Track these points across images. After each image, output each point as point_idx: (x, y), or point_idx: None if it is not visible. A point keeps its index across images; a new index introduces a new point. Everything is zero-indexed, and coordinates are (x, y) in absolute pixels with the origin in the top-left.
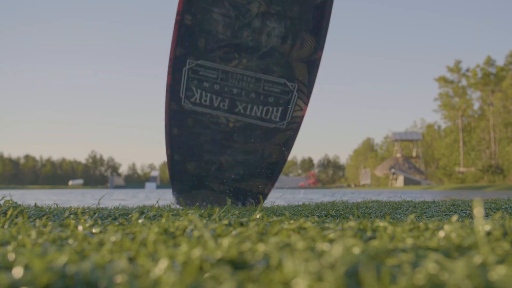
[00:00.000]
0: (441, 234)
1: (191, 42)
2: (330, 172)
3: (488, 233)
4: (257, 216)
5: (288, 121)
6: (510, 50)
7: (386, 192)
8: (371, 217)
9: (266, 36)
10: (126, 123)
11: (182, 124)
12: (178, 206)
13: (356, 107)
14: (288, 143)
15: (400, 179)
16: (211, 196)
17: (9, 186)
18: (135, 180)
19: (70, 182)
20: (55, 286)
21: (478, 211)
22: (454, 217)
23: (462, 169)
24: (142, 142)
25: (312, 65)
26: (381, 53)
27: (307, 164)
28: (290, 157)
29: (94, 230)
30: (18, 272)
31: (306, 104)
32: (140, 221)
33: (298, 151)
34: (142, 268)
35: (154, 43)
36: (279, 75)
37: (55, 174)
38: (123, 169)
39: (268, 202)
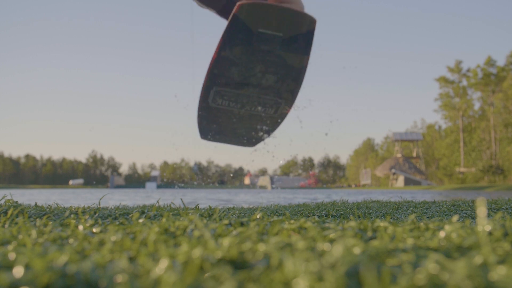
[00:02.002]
0: (442, 234)
1: (216, 80)
2: (331, 172)
3: (489, 234)
4: (258, 216)
5: (279, 113)
6: (511, 50)
7: (387, 192)
8: (371, 217)
9: (265, 80)
10: (127, 123)
11: (207, 111)
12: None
13: (356, 107)
14: (282, 117)
15: (401, 179)
16: (226, 136)
17: (9, 186)
18: (135, 180)
19: (71, 182)
20: (56, 286)
21: (480, 210)
22: (455, 218)
23: (462, 169)
24: (142, 142)
25: (294, 94)
26: (382, 53)
27: (308, 164)
28: (290, 157)
29: (94, 230)
30: (18, 271)
31: (290, 108)
32: (140, 220)
33: (298, 151)
34: (143, 268)
35: (155, 43)
36: (273, 96)
37: (56, 174)
38: (124, 169)
39: (269, 202)
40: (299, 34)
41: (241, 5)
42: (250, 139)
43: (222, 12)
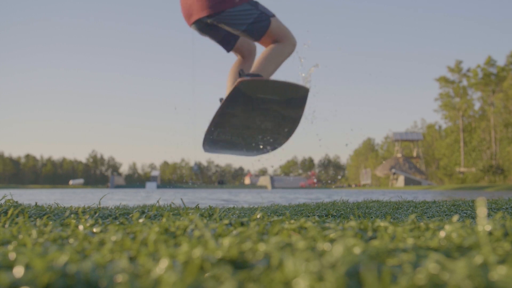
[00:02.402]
0: (442, 234)
1: (220, 126)
2: (331, 172)
3: (489, 234)
4: (258, 216)
5: (277, 143)
6: (511, 50)
7: (387, 192)
8: (371, 217)
9: (264, 125)
10: (127, 123)
11: (212, 141)
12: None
13: (356, 107)
14: (281, 143)
15: (401, 179)
16: (229, 150)
17: (9, 186)
18: (135, 180)
19: (71, 182)
20: (56, 286)
21: (481, 210)
22: (455, 217)
23: (462, 169)
24: (142, 142)
25: (292, 131)
26: (382, 53)
27: (308, 164)
28: (290, 157)
29: (94, 230)
30: (18, 271)
31: (288, 138)
32: (140, 220)
33: (299, 151)
34: (143, 268)
35: (155, 43)
36: (272, 134)
37: (56, 174)
38: (124, 169)
39: (269, 201)
40: (294, 97)
41: (241, 81)
42: (251, 151)
43: (222, 42)
